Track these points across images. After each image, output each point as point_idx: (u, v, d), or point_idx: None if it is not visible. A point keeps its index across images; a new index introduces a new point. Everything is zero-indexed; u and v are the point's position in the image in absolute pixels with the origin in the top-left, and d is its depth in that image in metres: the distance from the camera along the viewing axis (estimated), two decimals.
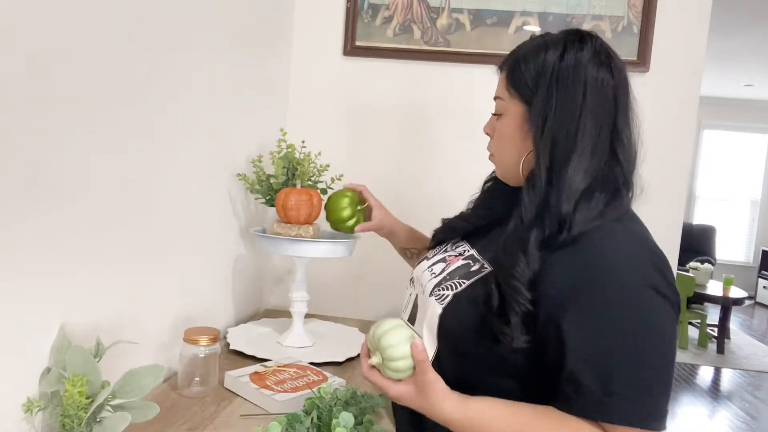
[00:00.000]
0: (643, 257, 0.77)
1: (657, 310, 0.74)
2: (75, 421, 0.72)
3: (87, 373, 0.74)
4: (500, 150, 0.91)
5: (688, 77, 1.60)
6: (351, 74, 1.73)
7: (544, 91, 0.81)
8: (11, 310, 0.72)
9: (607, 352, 0.73)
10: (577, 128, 0.79)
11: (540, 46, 0.84)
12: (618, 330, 0.73)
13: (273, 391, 1.01)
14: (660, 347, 0.74)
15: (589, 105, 0.80)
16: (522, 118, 0.85)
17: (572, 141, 0.79)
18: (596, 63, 0.81)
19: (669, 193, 1.62)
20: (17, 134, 0.70)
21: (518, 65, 0.85)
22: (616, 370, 0.72)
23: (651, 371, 0.73)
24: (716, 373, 4.43)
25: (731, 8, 3.71)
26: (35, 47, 0.71)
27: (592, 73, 0.80)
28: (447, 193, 1.70)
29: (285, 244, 1.26)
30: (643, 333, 0.73)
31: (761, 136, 7.18)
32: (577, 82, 0.80)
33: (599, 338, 0.73)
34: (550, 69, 0.81)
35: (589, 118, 0.79)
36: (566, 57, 0.81)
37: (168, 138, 1.07)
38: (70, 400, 0.71)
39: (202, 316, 1.28)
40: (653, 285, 0.74)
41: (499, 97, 0.90)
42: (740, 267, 7.30)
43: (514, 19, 1.65)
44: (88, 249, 0.86)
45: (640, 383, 0.72)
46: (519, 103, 0.85)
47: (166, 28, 1.02)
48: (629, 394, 0.71)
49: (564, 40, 0.83)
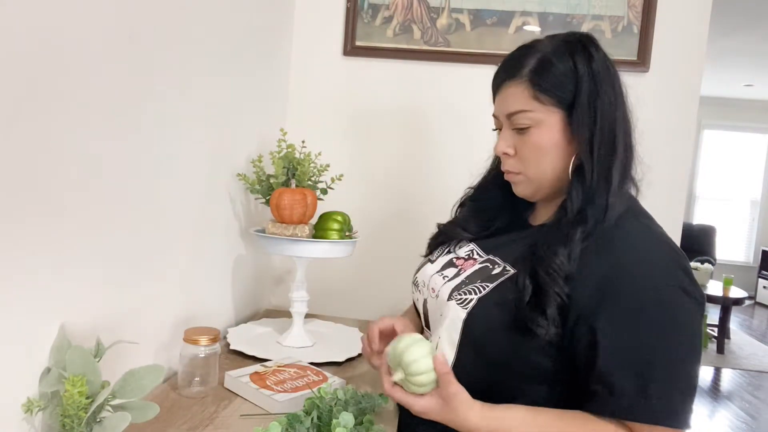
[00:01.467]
0: (668, 258, 0.78)
1: (686, 310, 0.75)
2: (75, 421, 0.72)
3: (87, 373, 0.74)
4: (535, 164, 0.86)
5: (688, 77, 1.60)
6: (351, 74, 1.73)
7: (587, 91, 0.81)
8: (11, 309, 0.72)
9: (642, 353, 0.74)
10: (617, 125, 0.82)
11: (559, 48, 0.84)
12: (651, 331, 0.74)
13: (273, 391, 1.01)
14: (691, 346, 0.75)
15: (621, 102, 0.84)
16: (563, 123, 0.83)
17: (613, 137, 0.82)
18: (611, 63, 0.85)
19: (669, 193, 1.62)
20: (17, 135, 0.70)
21: (546, 69, 0.83)
22: (651, 371, 0.73)
23: (683, 371, 0.74)
24: (716, 373, 4.43)
25: (731, 8, 3.71)
26: (36, 48, 0.71)
27: (615, 72, 0.85)
28: (447, 192, 1.70)
29: (285, 244, 1.26)
30: (676, 333, 0.74)
31: (761, 136, 7.18)
32: (610, 81, 0.83)
33: (633, 340, 0.74)
34: (585, 70, 0.82)
35: (623, 114, 0.84)
36: (595, 57, 0.83)
37: (168, 138, 1.06)
38: (70, 400, 0.71)
39: (202, 316, 1.27)
40: (681, 285, 0.75)
41: (522, 110, 0.85)
42: (740, 267, 7.30)
43: (514, 19, 1.65)
44: (89, 249, 0.85)
45: (674, 383, 0.73)
46: (556, 109, 0.83)
47: (166, 29, 1.02)
48: (664, 395, 0.72)
49: (580, 40, 0.85)
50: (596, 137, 0.81)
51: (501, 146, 0.89)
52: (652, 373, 0.73)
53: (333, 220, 1.29)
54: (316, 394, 0.93)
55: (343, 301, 1.75)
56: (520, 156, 0.88)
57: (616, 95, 0.83)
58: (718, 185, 7.31)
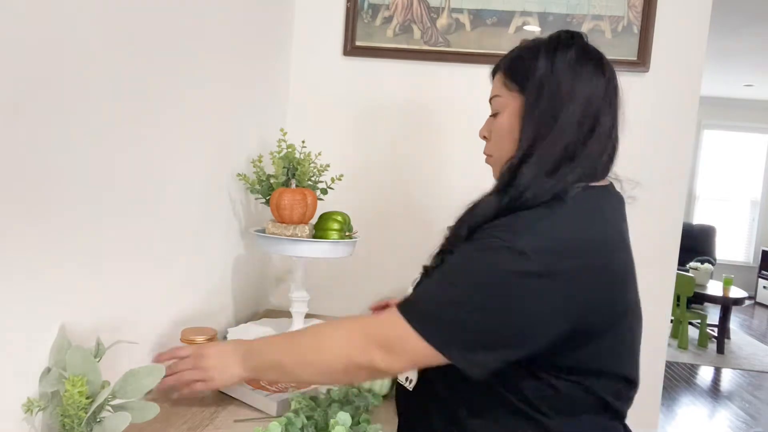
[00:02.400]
0: (534, 223, 0.79)
1: (496, 256, 0.77)
2: (75, 421, 0.72)
3: (87, 373, 0.74)
4: (498, 147, 0.92)
5: (688, 77, 1.60)
6: (351, 74, 1.73)
7: (539, 78, 0.85)
8: (11, 310, 0.72)
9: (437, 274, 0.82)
10: (562, 112, 0.83)
11: (536, 43, 0.89)
12: (455, 261, 0.81)
13: (268, 392, 1.01)
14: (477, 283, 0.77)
15: (578, 95, 0.84)
16: (521, 109, 0.88)
17: (553, 124, 0.83)
18: (588, 59, 0.86)
19: (669, 193, 1.62)
20: (17, 134, 0.70)
21: (516, 59, 0.90)
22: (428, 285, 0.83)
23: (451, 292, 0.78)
24: (716, 373, 4.43)
25: (731, 8, 3.70)
26: (37, 49, 0.71)
27: (584, 67, 0.85)
28: (447, 192, 1.70)
29: (285, 244, 1.26)
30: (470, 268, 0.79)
31: (761, 136, 7.18)
32: (570, 74, 0.84)
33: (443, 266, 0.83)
34: (546, 60, 0.86)
35: (575, 106, 0.84)
36: (560, 50, 0.86)
37: (168, 138, 1.06)
38: (70, 400, 0.71)
39: (202, 316, 1.28)
40: (517, 246, 0.75)
41: (496, 95, 0.92)
42: (740, 267, 7.30)
43: (514, 19, 1.65)
44: (89, 249, 0.86)
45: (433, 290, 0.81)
46: (517, 95, 0.88)
47: (167, 30, 1.02)
48: (416, 292, 0.82)
49: (558, 37, 0.88)
50: (530, 123, 0.85)
51: (480, 130, 0.97)
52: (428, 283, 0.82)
53: (333, 220, 1.29)
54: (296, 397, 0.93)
55: (343, 301, 1.75)
56: (492, 140, 0.95)
57: (573, 94, 0.83)
58: (718, 185, 7.31)
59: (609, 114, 0.86)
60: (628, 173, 0.92)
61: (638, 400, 0.90)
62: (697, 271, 5.03)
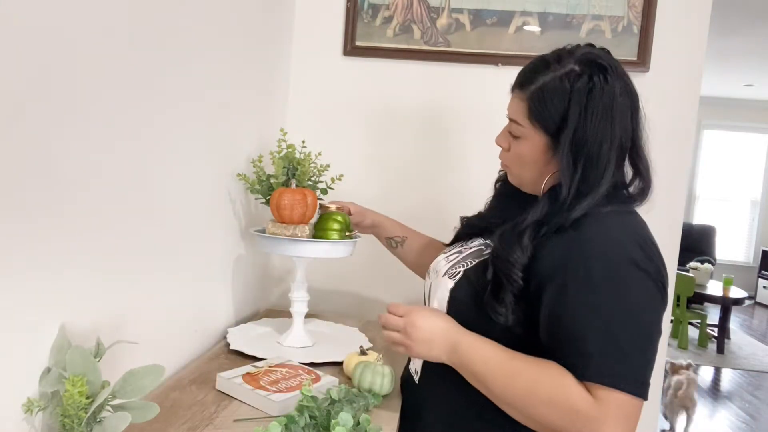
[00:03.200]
0: (625, 235, 0.81)
1: (634, 282, 0.78)
2: (75, 421, 0.72)
3: (87, 373, 0.73)
4: (517, 168, 0.95)
5: (688, 77, 1.60)
6: (351, 74, 1.73)
7: (573, 126, 0.83)
8: (12, 309, 0.72)
9: (584, 316, 0.78)
10: (602, 156, 0.84)
11: (563, 77, 0.85)
12: (594, 297, 0.78)
13: (269, 392, 1.01)
14: (634, 316, 0.78)
15: (617, 133, 0.84)
16: (545, 147, 0.88)
17: (599, 168, 0.84)
18: (620, 92, 0.85)
19: (669, 193, 1.62)
20: (17, 135, 0.70)
21: (541, 98, 0.86)
22: (590, 332, 0.77)
23: (624, 336, 0.77)
24: (716, 373, 4.43)
25: (731, 8, 3.71)
26: (37, 48, 0.71)
27: (617, 104, 0.84)
28: (448, 192, 1.70)
29: (285, 244, 1.26)
30: (618, 301, 0.77)
31: (761, 136, 7.18)
32: (605, 115, 0.83)
33: (577, 305, 0.79)
34: (577, 106, 0.83)
35: (615, 145, 0.84)
36: (594, 92, 0.84)
37: (168, 138, 1.06)
38: (70, 400, 0.71)
39: (202, 316, 1.28)
40: (633, 259, 0.78)
41: (517, 122, 0.90)
42: (740, 267, 7.30)
43: (514, 19, 1.65)
44: (88, 249, 0.85)
45: (613, 346, 0.76)
46: (542, 134, 0.88)
47: (167, 30, 1.02)
48: (603, 354, 0.76)
49: (589, 73, 0.85)
50: (573, 171, 0.85)
51: (499, 139, 0.98)
52: (591, 335, 0.77)
53: (333, 220, 1.29)
54: (304, 395, 0.93)
55: (343, 301, 1.75)
56: (510, 155, 0.95)
57: (612, 134, 0.84)
58: (718, 185, 7.31)
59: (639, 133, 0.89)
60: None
61: None
62: (697, 271, 5.04)
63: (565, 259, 0.81)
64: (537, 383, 0.79)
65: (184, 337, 1.20)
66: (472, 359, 0.85)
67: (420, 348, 0.90)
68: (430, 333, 0.89)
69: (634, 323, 0.77)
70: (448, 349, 0.88)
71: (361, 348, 1.21)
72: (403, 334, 0.91)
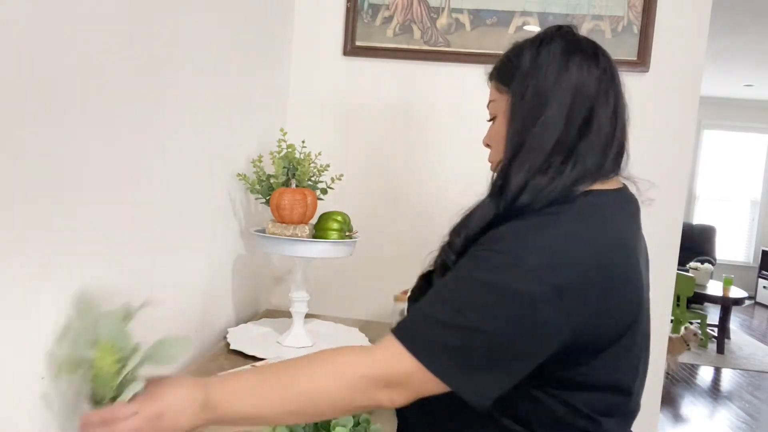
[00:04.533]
0: (538, 236, 0.74)
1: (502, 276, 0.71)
2: (106, 386, 0.71)
3: (118, 339, 0.73)
4: (496, 151, 0.90)
5: (688, 77, 1.60)
6: (351, 74, 1.73)
7: (522, 74, 0.83)
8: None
9: (435, 290, 0.77)
10: (547, 104, 0.80)
11: (523, 42, 0.88)
12: (454, 278, 0.76)
13: None
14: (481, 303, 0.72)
15: (565, 85, 0.80)
16: (509, 108, 0.86)
17: (539, 115, 0.80)
18: (575, 50, 0.82)
19: (669, 193, 1.62)
20: (16, 134, 0.70)
21: (504, 60, 0.90)
22: (424, 303, 0.76)
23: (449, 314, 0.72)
24: (716, 373, 4.43)
25: (731, 8, 3.70)
26: (36, 47, 0.71)
27: (571, 58, 0.81)
28: (448, 192, 1.70)
29: (285, 244, 1.26)
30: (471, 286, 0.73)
31: (761, 136, 7.18)
32: (555, 66, 0.81)
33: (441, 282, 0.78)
34: (530, 55, 0.84)
35: (561, 96, 0.80)
36: (545, 44, 0.84)
37: (168, 138, 1.06)
38: (102, 368, 0.70)
39: (202, 316, 1.28)
40: (523, 265, 0.71)
41: (491, 100, 0.91)
42: (740, 267, 7.30)
43: (514, 19, 1.65)
44: (88, 249, 0.85)
45: (432, 317, 0.73)
46: (506, 96, 0.86)
47: (167, 29, 1.02)
48: (416, 317, 0.75)
49: (544, 32, 0.87)
50: (516, 118, 0.83)
51: (483, 139, 0.95)
52: (425, 302, 0.76)
53: (333, 220, 1.29)
54: None
55: (343, 301, 1.75)
56: (492, 147, 0.93)
57: (559, 85, 0.80)
58: (718, 185, 7.31)
59: (606, 106, 0.81)
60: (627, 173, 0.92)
61: None
62: (697, 271, 5.03)
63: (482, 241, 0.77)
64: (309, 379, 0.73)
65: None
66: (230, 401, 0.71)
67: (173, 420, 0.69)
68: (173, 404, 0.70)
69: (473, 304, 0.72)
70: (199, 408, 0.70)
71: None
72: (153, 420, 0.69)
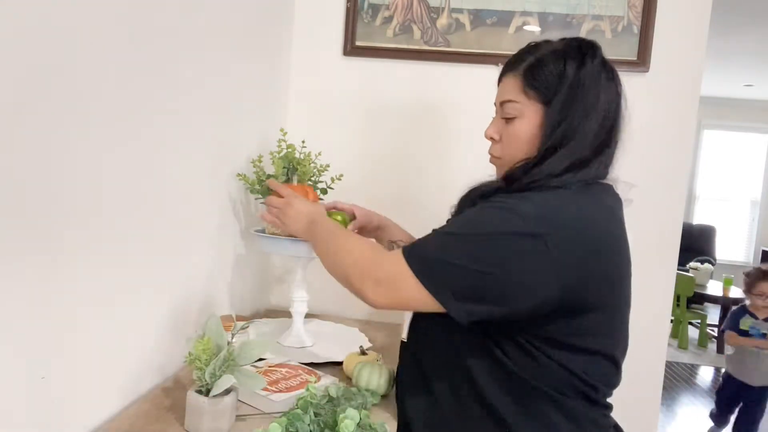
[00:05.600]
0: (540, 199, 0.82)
1: (497, 214, 0.81)
2: (202, 372, 0.89)
3: (216, 337, 0.93)
4: (512, 152, 0.92)
5: (688, 77, 1.60)
6: (351, 74, 1.73)
7: (565, 94, 0.86)
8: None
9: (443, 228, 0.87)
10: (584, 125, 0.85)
11: (557, 51, 0.89)
12: (459, 219, 0.88)
13: (268, 392, 1.01)
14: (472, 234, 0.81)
15: (600, 108, 0.86)
16: (541, 119, 0.88)
17: (574, 135, 0.85)
18: (606, 71, 0.88)
19: (669, 193, 1.62)
20: (16, 133, 0.70)
21: (538, 68, 0.89)
22: (434, 233, 0.86)
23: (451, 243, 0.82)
24: (716, 373, 4.43)
25: (731, 8, 3.70)
26: (36, 48, 0.71)
27: (606, 80, 0.87)
28: (449, 191, 1.70)
29: (285, 244, 1.26)
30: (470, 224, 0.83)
31: (761, 136, 7.18)
32: (594, 88, 0.86)
33: (450, 221, 0.91)
34: (572, 73, 0.86)
35: (595, 120, 0.86)
36: (587, 65, 0.87)
37: (168, 138, 1.06)
38: (198, 356, 0.90)
39: (202, 316, 1.27)
40: (519, 210, 0.80)
41: (512, 100, 0.91)
42: (740, 267, 7.28)
43: (514, 19, 1.65)
44: (87, 249, 0.85)
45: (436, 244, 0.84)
46: (538, 104, 0.88)
47: (167, 30, 1.02)
48: (424, 245, 0.85)
49: (579, 47, 0.89)
50: (554, 137, 0.86)
51: (489, 131, 0.97)
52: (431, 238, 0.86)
53: (333, 220, 1.29)
54: (310, 392, 0.93)
55: (343, 301, 1.74)
56: (503, 143, 0.94)
57: (597, 105, 0.86)
58: (718, 185, 7.30)
59: (622, 122, 0.89)
60: (628, 173, 0.92)
61: (638, 400, 0.90)
62: (697, 271, 5.03)
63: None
64: (345, 244, 0.96)
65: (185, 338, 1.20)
66: (316, 232, 1.06)
67: (290, 222, 1.11)
68: (298, 213, 1.11)
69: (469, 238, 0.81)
70: (306, 224, 1.09)
71: (361, 348, 1.21)
72: (280, 212, 1.13)
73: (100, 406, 0.92)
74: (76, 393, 0.86)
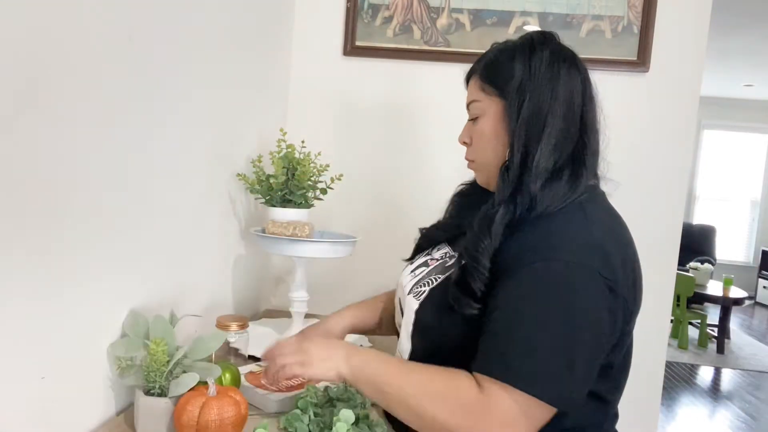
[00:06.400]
0: (584, 236, 0.79)
1: (580, 285, 0.74)
2: (158, 375, 0.86)
3: (166, 337, 0.89)
4: (482, 152, 0.93)
5: (688, 77, 1.60)
6: (351, 74, 1.73)
7: (518, 82, 0.85)
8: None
9: (512, 315, 0.75)
10: (548, 114, 0.83)
11: (509, 46, 0.90)
12: (530, 298, 0.75)
13: (268, 391, 1.01)
14: (570, 318, 0.73)
15: (560, 94, 0.84)
16: (501, 113, 0.88)
17: (542, 125, 0.83)
18: (562, 58, 0.87)
19: (669, 193, 1.62)
20: (16, 133, 0.70)
21: (492, 64, 0.90)
22: (510, 332, 0.74)
23: (548, 338, 0.72)
24: (716, 373, 4.43)
25: (731, 8, 3.71)
26: (36, 48, 0.71)
27: (561, 66, 0.85)
28: (448, 192, 1.70)
29: (285, 244, 1.26)
30: (554, 304, 0.74)
31: (761, 136, 7.18)
32: (548, 74, 0.85)
33: (512, 303, 0.75)
34: (522, 63, 0.86)
35: (558, 105, 0.84)
36: (536, 52, 0.86)
37: (168, 138, 1.06)
38: (155, 358, 0.86)
39: (202, 316, 1.27)
40: (586, 263, 0.75)
41: (474, 100, 0.93)
42: (740, 267, 7.30)
43: (514, 19, 1.65)
44: (87, 250, 0.85)
45: (530, 346, 0.72)
46: (497, 99, 0.88)
47: (167, 30, 1.02)
48: (512, 353, 0.73)
49: (531, 39, 0.89)
50: (520, 129, 0.84)
51: (461, 136, 0.98)
52: (512, 334, 0.74)
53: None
54: (310, 392, 0.93)
55: (343, 301, 1.74)
56: (473, 145, 0.95)
57: (555, 93, 0.84)
58: (718, 185, 7.31)
59: (592, 110, 0.88)
60: (628, 173, 0.92)
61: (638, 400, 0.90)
62: (697, 271, 5.03)
63: (518, 259, 0.77)
64: (431, 379, 0.77)
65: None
66: (370, 363, 0.82)
67: (318, 361, 0.85)
68: (326, 345, 0.87)
69: (565, 326, 0.73)
70: (345, 357, 0.84)
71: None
72: (300, 354, 0.87)
73: (100, 407, 0.92)
74: (76, 393, 0.86)
